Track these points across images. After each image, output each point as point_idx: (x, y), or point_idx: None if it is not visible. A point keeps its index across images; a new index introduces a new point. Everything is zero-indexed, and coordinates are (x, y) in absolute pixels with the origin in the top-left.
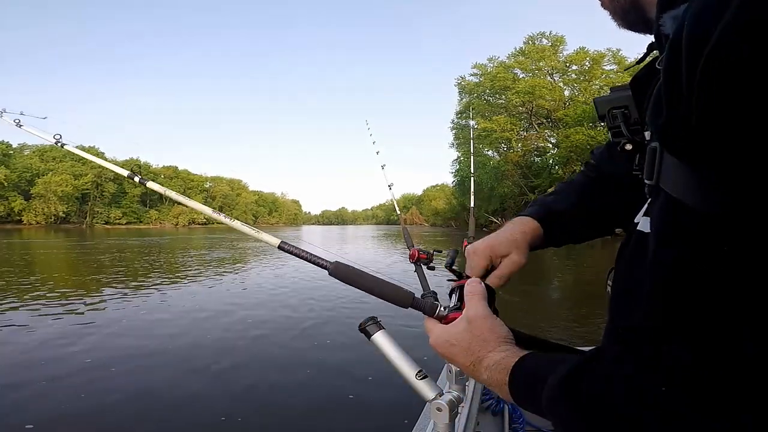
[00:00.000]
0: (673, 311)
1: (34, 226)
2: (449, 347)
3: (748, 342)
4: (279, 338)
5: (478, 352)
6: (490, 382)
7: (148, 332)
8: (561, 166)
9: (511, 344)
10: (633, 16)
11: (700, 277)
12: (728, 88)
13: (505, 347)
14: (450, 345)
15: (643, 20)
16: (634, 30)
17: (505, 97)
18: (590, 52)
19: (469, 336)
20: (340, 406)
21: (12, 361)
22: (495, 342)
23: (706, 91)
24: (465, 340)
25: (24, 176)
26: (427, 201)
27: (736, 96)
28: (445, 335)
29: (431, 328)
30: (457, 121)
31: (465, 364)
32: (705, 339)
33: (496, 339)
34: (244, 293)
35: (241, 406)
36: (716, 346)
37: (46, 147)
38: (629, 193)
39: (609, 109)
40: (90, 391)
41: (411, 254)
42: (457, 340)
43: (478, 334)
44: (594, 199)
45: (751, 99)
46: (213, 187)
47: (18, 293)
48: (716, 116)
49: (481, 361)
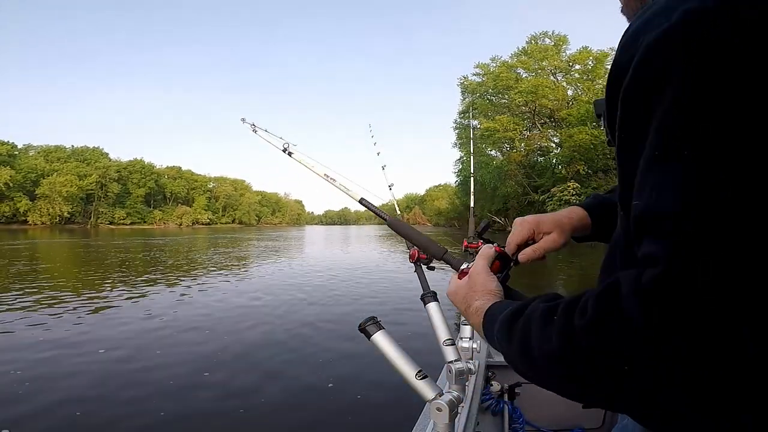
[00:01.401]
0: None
1: (39, 226)
2: (453, 295)
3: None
4: (279, 338)
5: (468, 299)
6: (474, 324)
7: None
8: (564, 165)
9: (494, 296)
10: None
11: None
12: (641, 94)
13: (488, 297)
14: (454, 294)
15: None
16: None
17: (508, 97)
18: (593, 51)
19: (467, 288)
20: (341, 406)
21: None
22: (482, 293)
23: (613, 114)
24: (464, 291)
25: (29, 177)
26: (429, 201)
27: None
28: (453, 286)
29: (450, 281)
30: (460, 121)
31: (461, 308)
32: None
33: (482, 290)
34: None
35: (241, 404)
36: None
37: (50, 147)
38: None
39: (604, 110)
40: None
41: (411, 254)
42: (460, 290)
43: (471, 285)
44: None
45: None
46: (216, 187)
47: (73, 294)
48: (615, 134)
49: (469, 306)
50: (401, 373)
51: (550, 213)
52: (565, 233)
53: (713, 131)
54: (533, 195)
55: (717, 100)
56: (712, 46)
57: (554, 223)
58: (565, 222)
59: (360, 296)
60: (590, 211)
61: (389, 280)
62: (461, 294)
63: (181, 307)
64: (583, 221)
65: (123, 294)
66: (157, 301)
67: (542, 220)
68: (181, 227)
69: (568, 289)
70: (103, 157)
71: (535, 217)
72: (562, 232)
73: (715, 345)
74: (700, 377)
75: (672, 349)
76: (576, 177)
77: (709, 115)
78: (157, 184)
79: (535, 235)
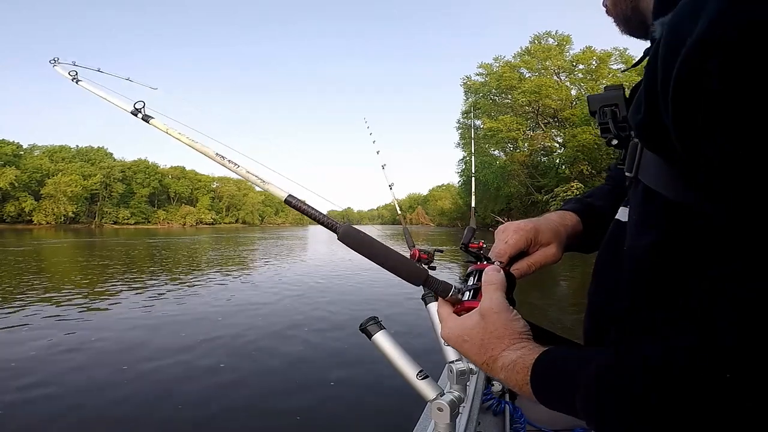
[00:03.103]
0: (648, 291)
1: (44, 226)
2: (462, 343)
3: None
4: (280, 337)
5: (492, 350)
6: (508, 382)
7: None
8: (568, 165)
9: (528, 340)
10: (634, 22)
11: (672, 259)
12: (693, 98)
13: (521, 344)
14: (462, 341)
15: (643, 26)
16: (635, 36)
17: (511, 97)
18: (597, 51)
19: (483, 332)
20: (342, 405)
21: None
22: (509, 339)
23: (676, 97)
24: (478, 336)
25: (34, 177)
26: (433, 201)
27: (700, 105)
28: (457, 329)
29: (444, 318)
30: (463, 121)
31: (479, 362)
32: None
33: (510, 335)
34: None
35: (241, 403)
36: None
37: (55, 147)
38: None
39: (600, 107)
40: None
41: (412, 254)
42: (470, 336)
43: (492, 330)
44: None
45: (711, 109)
46: (220, 187)
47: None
48: (683, 121)
49: (496, 360)
50: (402, 373)
51: (544, 218)
52: (562, 245)
53: None
54: (536, 195)
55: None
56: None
57: (553, 232)
58: (561, 231)
59: (360, 296)
60: (582, 218)
61: (390, 279)
62: (474, 341)
63: (180, 307)
64: (576, 229)
65: (160, 288)
66: (158, 300)
67: (540, 228)
68: (185, 227)
69: (569, 290)
70: (108, 157)
71: (532, 224)
72: (560, 243)
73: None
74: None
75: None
76: (579, 177)
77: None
78: (161, 184)
79: (531, 245)
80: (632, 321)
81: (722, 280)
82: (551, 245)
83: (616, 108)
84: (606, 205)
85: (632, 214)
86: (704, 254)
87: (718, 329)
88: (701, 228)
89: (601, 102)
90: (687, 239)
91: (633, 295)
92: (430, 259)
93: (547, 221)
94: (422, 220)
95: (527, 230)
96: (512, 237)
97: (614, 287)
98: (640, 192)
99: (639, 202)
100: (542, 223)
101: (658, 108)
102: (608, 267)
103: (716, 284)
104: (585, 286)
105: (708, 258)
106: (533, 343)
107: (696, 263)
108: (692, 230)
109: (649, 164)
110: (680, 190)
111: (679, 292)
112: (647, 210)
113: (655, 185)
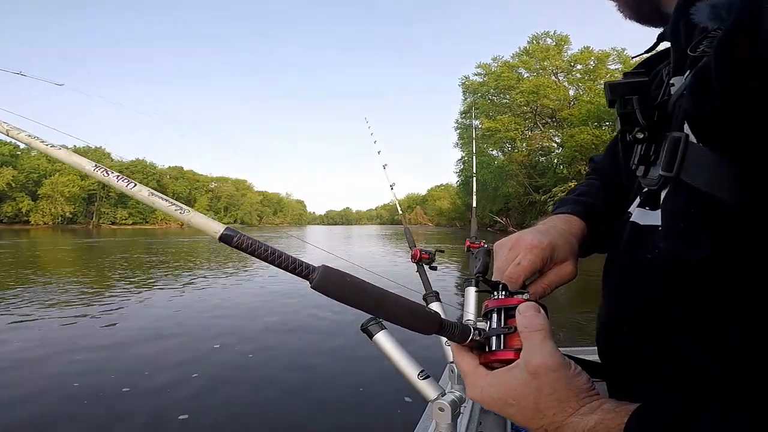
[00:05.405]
0: (667, 293)
1: (41, 226)
2: (505, 407)
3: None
4: (280, 338)
5: (553, 415)
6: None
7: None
8: (566, 165)
9: (597, 399)
10: (647, 7)
11: (719, 267)
12: None
13: (592, 405)
14: (506, 404)
15: (658, 11)
16: (642, 22)
17: (510, 97)
18: (595, 51)
19: (537, 394)
20: (342, 405)
21: None
22: (576, 401)
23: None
24: (530, 400)
25: (31, 177)
26: (431, 201)
27: None
28: (495, 391)
29: (469, 372)
30: (461, 121)
31: (533, 427)
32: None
33: (576, 396)
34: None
35: (241, 403)
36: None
37: None
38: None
39: (622, 95)
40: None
41: (413, 254)
42: (516, 399)
43: (549, 392)
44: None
45: None
46: (218, 187)
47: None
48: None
49: (561, 428)
50: (403, 373)
51: (556, 230)
52: (576, 259)
53: None
54: (535, 195)
55: None
56: None
57: (568, 246)
58: (574, 243)
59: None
60: (588, 223)
61: (390, 279)
62: (527, 406)
63: (182, 305)
64: (583, 235)
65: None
66: (153, 301)
67: (557, 244)
68: (183, 227)
69: (570, 291)
70: (106, 158)
71: (548, 239)
72: (575, 258)
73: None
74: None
75: None
76: (577, 177)
77: None
78: (159, 184)
79: (545, 264)
80: (642, 321)
81: (734, 279)
82: (567, 262)
83: (642, 97)
84: (603, 204)
85: (670, 220)
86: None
87: (725, 328)
88: (738, 230)
89: (625, 90)
90: (735, 246)
91: (649, 297)
92: (432, 259)
93: (561, 234)
94: (421, 220)
95: (543, 248)
96: (525, 257)
97: (628, 288)
98: (682, 195)
99: (682, 208)
100: (556, 237)
101: (745, 99)
102: (624, 269)
103: (729, 283)
104: (585, 287)
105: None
106: (608, 402)
107: (723, 264)
108: (737, 235)
109: (700, 163)
110: (736, 192)
111: (702, 292)
112: (700, 218)
113: (710, 187)
